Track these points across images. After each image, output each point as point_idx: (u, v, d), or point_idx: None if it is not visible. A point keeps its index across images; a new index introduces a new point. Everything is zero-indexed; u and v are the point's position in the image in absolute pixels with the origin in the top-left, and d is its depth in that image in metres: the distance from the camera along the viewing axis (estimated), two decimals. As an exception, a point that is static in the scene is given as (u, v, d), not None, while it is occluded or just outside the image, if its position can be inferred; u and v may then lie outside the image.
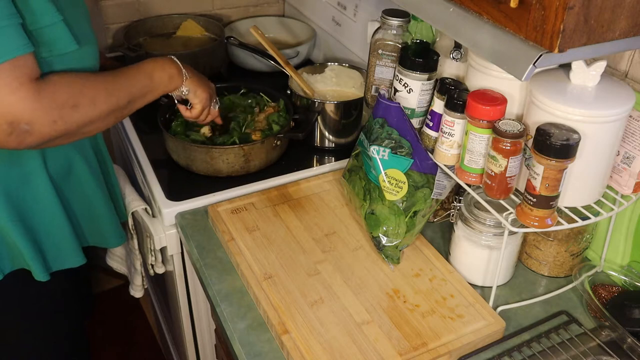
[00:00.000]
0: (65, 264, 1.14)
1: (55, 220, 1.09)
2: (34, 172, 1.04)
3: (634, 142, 0.95)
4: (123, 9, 1.88)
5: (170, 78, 1.12)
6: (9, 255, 1.06)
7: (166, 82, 1.11)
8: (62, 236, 1.11)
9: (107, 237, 1.24)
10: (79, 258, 1.16)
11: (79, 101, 0.93)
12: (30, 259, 1.07)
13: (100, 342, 2.15)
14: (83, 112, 0.94)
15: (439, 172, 1.09)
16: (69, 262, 1.14)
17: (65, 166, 1.10)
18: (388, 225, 1.10)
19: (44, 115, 0.88)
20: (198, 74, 1.21)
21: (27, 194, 1.05)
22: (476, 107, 0.93)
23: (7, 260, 1.07)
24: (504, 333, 1.00)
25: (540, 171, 0.87)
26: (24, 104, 0.85)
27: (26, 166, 1.03)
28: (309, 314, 1.00)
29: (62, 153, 1.08)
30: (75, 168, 1.12)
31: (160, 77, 1.10)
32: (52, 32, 0.94)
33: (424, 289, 1.06)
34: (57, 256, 1.12)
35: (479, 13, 0.75)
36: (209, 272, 1.11)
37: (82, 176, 1.13)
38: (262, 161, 1.35)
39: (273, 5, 2.09)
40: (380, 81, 1.21)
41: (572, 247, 1.10)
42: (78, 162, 1.12)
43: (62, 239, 1.11)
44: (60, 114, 0.90)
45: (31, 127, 0.87)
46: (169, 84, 1.12)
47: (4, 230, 1.03)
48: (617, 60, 1.02)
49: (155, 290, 1.88)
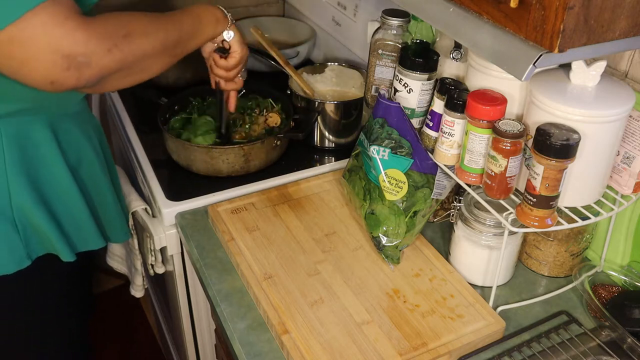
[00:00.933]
0: (88, 245, 1.15)
1: (75, 204, 1.10)
2: (52, 158, 1.05)
3: (634, 142, 0.95)
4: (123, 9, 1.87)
5: (217, 21, 1.13)
6: (36, 239, 1.07)
7: (214, 24, 1.13)
8: (82, 219, 1.12)
9: (115, 230, 1.25)
10: (100, 240, 1.17)
11: (131, 30, 0.92)
12: (56, 240, 1.07)
13: (101, 342, 2.15)
14: (137, 42, 0.93)
15: (439, 172, 1.09)
16: (91, 244, 1.16)
17: (77, 155, 1.11)
18: (388, 225, 1.10)
19: (98, 44, 0.86)
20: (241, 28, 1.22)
21: (47, 178, 1.05)
22: (476, 107, 0.93)
23: (34, 243, 1.07)
24: (504, 333, 1.00)
25: (540, 171, 0.87)
26: (75, 35, 0.84)
27: (44, 152, 1.04)
28: (309, 314, 1.00)
29: (74, 142, 1.10)
30: (86, 158, 1.13)
31: (208, 19, 1.11)
32: None
33: (424, 289, 1.06)
34: (80, 237, 1.14)
35: (479, 13, 0.76)
36: (209, 272, 1.11)
37: (92, 167, 1.15)
38: (262, 161, 1.35)
39: (273, 5, 2.09)
40: (380, 81, 1.21)
41: (572, 247, 1.10)
42: (88, 153, 1.13)
43: (82, 222, 1.13)
44: (115, 42, 0.89)
45: (88, 59, 0.86)
46: (217, 27, 1.14)
47: (29, 214, 1.04)
48: (617, 60, 1.02)
49: (155, 290, 1.88)
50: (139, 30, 0.94)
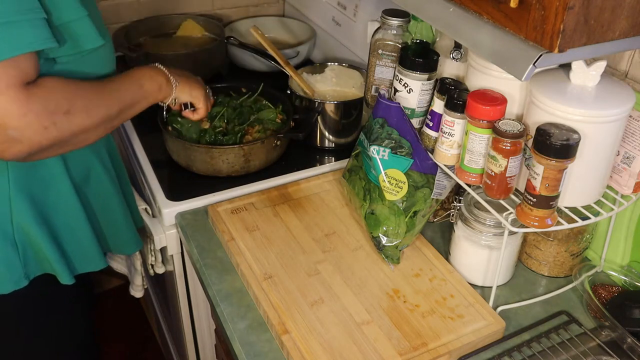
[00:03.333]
0: (88, 267, 1.13)
1: (78, 224, 1.08)
2: (57, 177, 1.03)
3: (634, 142, 0.95)
4: (123, 9, 1.88)
5: (159, 87, 1.10)
6: (35, 259, 1.05)
7: (156, 91, 1.10)
8: (85, 240, 1.10)
9: (125, 244, 1.23)
10: (101, 262, 1.15)
11: (72, 107, 0.89)
12: (55, 262, 1.05)
13: (101, 342, 2.14)
14: (76, 120, 0.90)
15: (439, 172, 1.09)
16: (92, 266, 1.13)
17: (84, 171, 1.09)
18: (388, 225, 1.10)
19: (35, 120, 0.83)
20: (185, 74, 1.19)
21: (50, 198, 1.03)
22: (476, 107, 0.93)
23: (33, 264, 1.05)
24: (504, 333, 1.00)
25: (540, 171, 0.87)
26: (12, 107, 0.80)
27: (49, 170, 1.02)
28: (309, 314, 1.00)
29: (81, 158, 1.07)
30: (94, 174, 1.11)
31: (151, 87, 1.08)
32: (78, 27, 0.92)
33: (424, 289, 1.06)
34: (81, 259, 1.11)
35: (479, 13, 0.76)
36: (209, 272, 1.11)
37: (101, 182, 1.13)
38: (262, 161, 1.35)
39: (273, 5, 2.09)
40: (380, 81, 1.21)
41: (572, 247, 1.10)
42: (96, 168, 1.11)
43: (84, 243, 1.10)
44: (54, 120, 0.86)
45: (20, 134, 0.82)
46: (159, 94, 1.11)
47: (30, 234, 1.02)
48: (617, 60, 1.02)
49: (155, 290, 1.88)
50: (81, 107, 0.91)
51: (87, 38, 0.95)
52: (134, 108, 1.05)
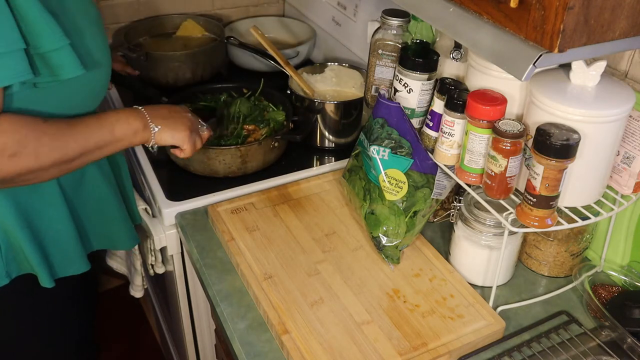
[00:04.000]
0: (70, 271, 1.13)
1: (62, 228, 1.08)
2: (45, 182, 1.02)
3: (634, 142, 0.95)
4: (123, 9, 1.88)
5: (135, 133, 1.03)
6: (16, 260, 1.05)
7: (130, 136, 1.03)
8: (69, 243, 1.10)
9: (118, 240, 1.23)
10: (83, 265, 1.14)
11: (19, 150, 0.87)
12: (36, 265, 1.05)
13: (101, 342, 2.14)
14: (22, 162, 0.89)
15: (439, 172, 1.09)
16: (73, 269, 1.13)
17: (77, 174, 1.08)
18: (388, 225, 1.10)
19: None
20: (171, 116, 1.11)
21: (36, 202, 1.03)
22: (476, 107, 0.93)
23: (15, 264, 1.05)
24: (504, 333, 1.00)
25: (540, 171, 0.87)
26: None
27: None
28: (309, 314, 1.00)
29: None
30: (88, 175, 1.10)
31: (124, 132, 1.02)
32: (58, 57, 0.90)
33: (424, 289, 1.06)
34: (63, 263, 1.11)
35: (479, 13, 0.75)
36: (209, 272, 1.11)
37: (94, 182, 1.12)
38: (259, 163, 1.35)
39: (273, 5, 2.09)
40: (380, 81, 1.21)
41: (572, 247, 1.10)
42: (90, 168, 1.10)
43: (68, 247, 1.10)
44: None
45: None
46: (134, 139, 1.04)
47: (12, 236, 1.02)
48: (617, 60, 1.02)
49: (155, 290, 1.88)
50: (31, 149, 0.89)
51: (67, 68, 0.92)
52: (100, 151, 1.00)
